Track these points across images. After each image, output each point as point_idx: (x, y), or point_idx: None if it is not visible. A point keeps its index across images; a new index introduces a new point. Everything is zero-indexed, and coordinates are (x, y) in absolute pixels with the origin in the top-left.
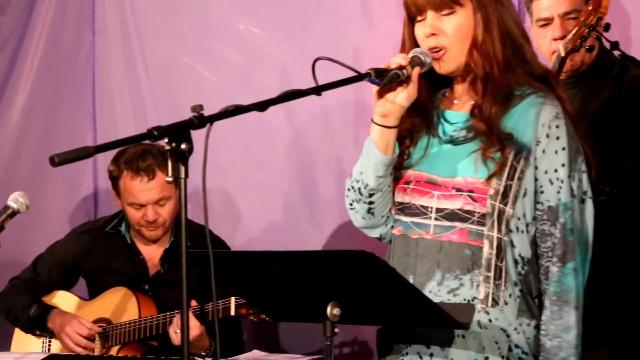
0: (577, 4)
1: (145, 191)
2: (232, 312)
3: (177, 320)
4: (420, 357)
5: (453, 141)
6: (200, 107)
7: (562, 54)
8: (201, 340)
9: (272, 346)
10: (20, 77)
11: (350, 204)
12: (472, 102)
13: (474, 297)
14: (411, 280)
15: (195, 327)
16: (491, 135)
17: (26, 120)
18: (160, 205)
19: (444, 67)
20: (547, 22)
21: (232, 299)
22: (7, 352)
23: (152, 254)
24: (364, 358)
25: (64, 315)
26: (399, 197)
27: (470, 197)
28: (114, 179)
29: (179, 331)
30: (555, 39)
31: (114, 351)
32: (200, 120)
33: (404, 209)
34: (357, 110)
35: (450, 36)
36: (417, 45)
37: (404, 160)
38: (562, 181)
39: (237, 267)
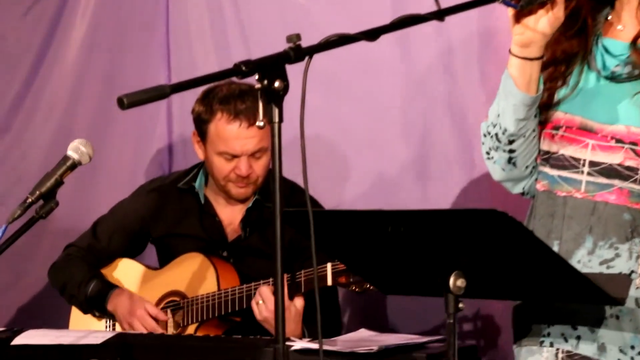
0: None
1: (242, 139)
2: (329, 282)
3: (261, 290)
4: (565, 340)
5: (614, 78)
6: (297, 36)
7: None
8: (288, 320)
9: (379, 323)
10: (77, 5)
11: (487, 153)
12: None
13: (632, 271)
14: (555, 247)
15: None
16: None
17: (86, 57)
18: (256, 158)
19: None
20: None
21: (329, 265)
22: (68, 330)
23: (232, 216)
24: (489, 336)
25: (127, 298)
26: (545, 145)
27: (634, 150)
28: (202, 122)
29: (261, 302)
30: None
31: (190, 330)
32: (298, 52)
33: (550, 159)
34: (481, 43)
35: None
36: None
37: (552, 96)
38: None
39: (340, 229)
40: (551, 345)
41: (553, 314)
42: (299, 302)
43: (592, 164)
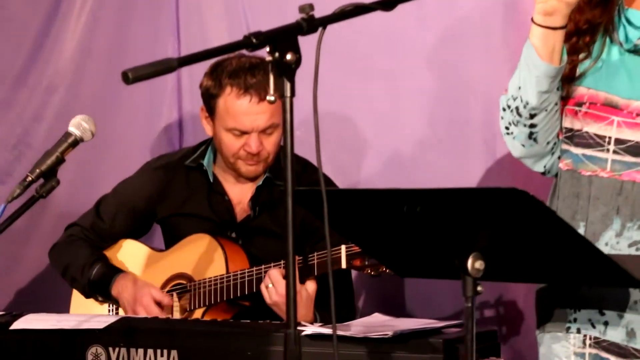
0: None
1: (253, 115)
2: (343, 264)
3: (271, 272)
4: (593, 326)
5: (637, 51)
6: (310, 6)
7: None
8: (299, 305)
9: (395, 308)
10: None
11: (507, 128)
12: None
13: None
14: (581, 229)
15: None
16: None
17: (92, 29)
18: (267, 134)
19: None
20: None
21: (343, 247)
22: (69, 314)
23: (241, 194)
24: (511, 322)
25: (132, 283)
26: (567, 122)
27: None
28: (211, 97)
29: (271, 285)
30: None
31: (197, 314)
32: (310, 23)
33: (574, 137)
34: (506, 13)
35: None
36: None
37: (574, 70)
38: None
39: (354, 209)
40: (578, 331)
41: (579, 299)
42: (310, 285)
43: (618, 141)
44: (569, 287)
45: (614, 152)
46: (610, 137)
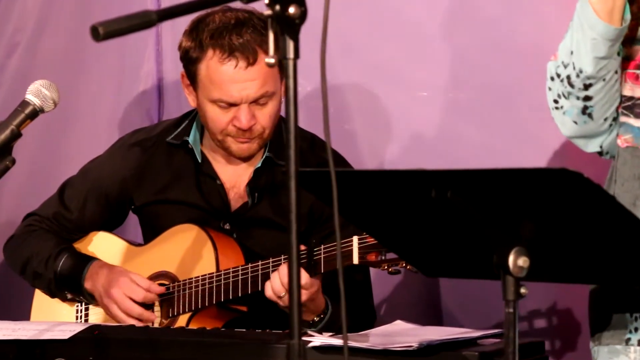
0: None
1: (240, 82)
2: (355, 260)
3: (283, 277)
4: None
5: None
6: None
7: None
8: (315, 298)
9: (426, 314)
10: None
11: (555, 101)
12: None
13: None
14: None
15: (305, 280)
16: None
17: None
18: (260, 104)
19: None
20: None
21: (355, 239)
22: (29, 322)
23: (235, 177)
24: (567, 335)
25: (109, 271)
26: (627, 89)
27: None
28: (191, 61)
29: (284, 295)
30: None
31: (182, 321)
32: None
33: (635, 107)
34: None
35: None
36: None
37: (636, 28)
38: None
39: (371, 194)
40: (639, 343)
41: None
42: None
43: None
44: (630, 288)
45: None
46: None
